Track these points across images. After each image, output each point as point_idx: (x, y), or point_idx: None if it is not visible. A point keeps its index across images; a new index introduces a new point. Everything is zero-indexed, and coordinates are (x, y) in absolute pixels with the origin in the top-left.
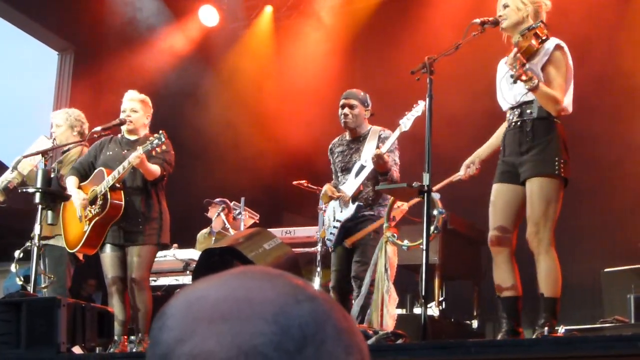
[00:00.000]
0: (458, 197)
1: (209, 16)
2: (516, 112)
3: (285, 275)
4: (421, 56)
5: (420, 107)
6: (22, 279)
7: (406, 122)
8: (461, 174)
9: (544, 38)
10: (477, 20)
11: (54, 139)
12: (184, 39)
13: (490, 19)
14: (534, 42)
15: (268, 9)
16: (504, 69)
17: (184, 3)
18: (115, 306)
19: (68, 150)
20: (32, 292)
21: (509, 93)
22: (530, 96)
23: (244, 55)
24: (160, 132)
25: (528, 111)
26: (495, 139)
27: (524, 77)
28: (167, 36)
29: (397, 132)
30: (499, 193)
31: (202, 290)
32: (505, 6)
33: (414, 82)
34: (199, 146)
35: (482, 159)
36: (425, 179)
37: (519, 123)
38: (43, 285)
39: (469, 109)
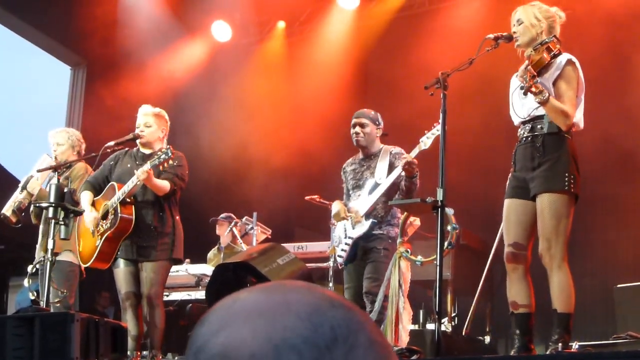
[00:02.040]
0: (470, 212)
1: (221, 32)
2: (527, 127)
3: (324, 289)
4: (434, 71)
5: (440, 127)
6: (35, 293)
7: (426, 141)
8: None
9: (555, 52)
10: (491, 36)
11: (55, 157)
12: (196, 54)
13: (504, 34)
14: (545, 55)
15: (280, 25)
16: (515, 84)
17: (196, 18)
18: (129, 321)
19: (71, 166)
20: (45, 306)
21: (521, 107)
22: (542, 111)
23: (256, 71)
24: (168, 147)
25: (539, 126)
26: None
27: (534, 89)
28: (180, 51)
29: (416, 150)
30: (511, 209)
31: (245, 294)
32: (520, 22)
33: (428, 97)
34: (211, 161)
35: None
36: (439, 194)
37: (529, 138)
38: (56, 300)
39: (482, 124)
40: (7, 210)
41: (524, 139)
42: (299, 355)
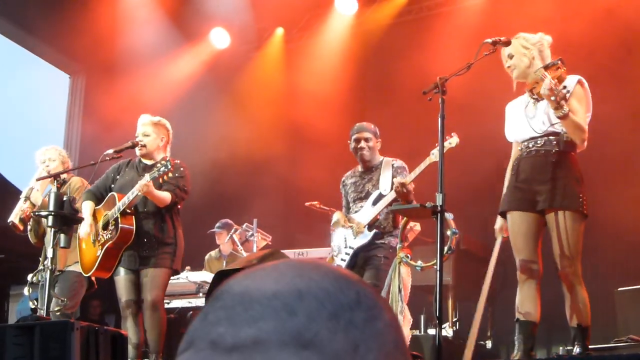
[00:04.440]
0: (470, 217)
1: (220, 38)
2: (539, 142)
3: None
4: (433, 76)
5: (453, 140)
6: (35, 302)
7: (436, 153)
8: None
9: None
10: (489, 40)
11: (48, 172)
12: (195, 61)
13: (502, 38)
14: (562, 72)
15: (279, 31)
16: (517, 106)
17: (195, 25)
18: (129, 329)
19: (65, 182)
20: (45, 315)
21: (536, 123)
22: (557, 128)
23: (254, 77)
24: (167, 160)
25: (554, 142)
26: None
27: (563, 103)
28: (179, 58)
29: (426, 162)
30: (519, 222)
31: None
32: (511, 56)
33: (426, 102)
34: (210, 168)
35: None
36: (439, 199)
37: (541, 151)
38: (56, 309)
39: (482, 128)
40: (15, 217)
41: (534, 151)
42: (320, 304)
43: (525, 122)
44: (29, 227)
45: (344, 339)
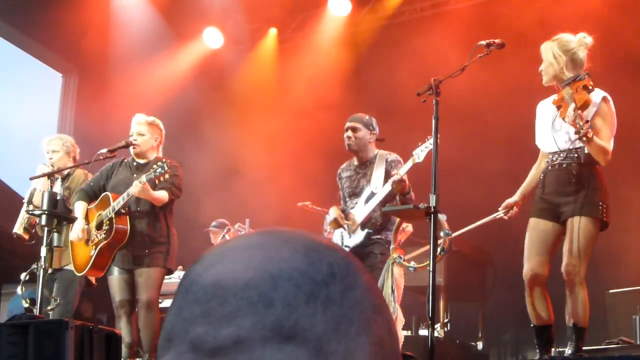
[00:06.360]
0: (463, 218)
1: (213, 38)
2: (561, 155)
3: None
4: (426, 78)
5: (433, 133)
6: (28, 300)
7: (420, 154)
8: (501, 213)
9: (590, 89)
10: (483, 42)
11: (52, 165)
12: (188, 60)
13: (497, 41)
14: (587, 96)
15: (272, 31)
16: (548, 112)
17: (188, 25)
18: (123, 328)
19: (69, 175)
20: (38, 314)
21: (559, 137)
22: (579, 144)
23: (248, 77)
24: (164, 161)
25: (575, 156)
26: (532, 177)
27: (589, 135)
28: (172, 58)
29: (410, 163)
30: (536, 228)
31: (240, 236)
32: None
33: (420, 103)
34: (204, 168)
35: (525, 197)
36: (432, 200)
37: (564, 165)
38: (49, 308)
39: (475, 129)
40: (19, 228)
41: (557, 165)
42: (296, 287)
43: (550, 135)
44: (36, 222)
45: (324, 319)
